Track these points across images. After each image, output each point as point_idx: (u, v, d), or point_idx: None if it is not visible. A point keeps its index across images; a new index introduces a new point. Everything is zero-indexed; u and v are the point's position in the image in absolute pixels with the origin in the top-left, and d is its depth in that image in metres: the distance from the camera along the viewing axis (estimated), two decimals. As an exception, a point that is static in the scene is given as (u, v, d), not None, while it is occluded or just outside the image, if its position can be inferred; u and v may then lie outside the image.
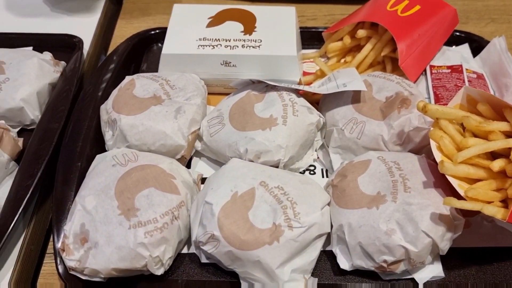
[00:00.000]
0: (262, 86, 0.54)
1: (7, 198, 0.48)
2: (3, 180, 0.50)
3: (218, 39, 0.58)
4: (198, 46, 0.57)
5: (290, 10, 0.63)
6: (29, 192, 0.48)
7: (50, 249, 0.49)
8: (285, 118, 0.49)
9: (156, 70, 0.64)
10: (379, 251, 0.42)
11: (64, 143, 0.52)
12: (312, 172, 0.53)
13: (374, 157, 0.47)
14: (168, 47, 0.58)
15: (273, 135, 0.48)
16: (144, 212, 0.43)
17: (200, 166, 0.54)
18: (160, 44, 0.67)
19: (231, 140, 0.50)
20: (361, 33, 0.60)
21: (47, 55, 0.59)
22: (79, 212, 0.43)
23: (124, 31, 0.72)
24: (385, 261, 0.42)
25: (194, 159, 0.54)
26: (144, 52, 0.66)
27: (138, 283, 0.44)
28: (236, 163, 0.47)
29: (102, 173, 0.46)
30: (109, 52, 0.68)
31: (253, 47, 0.57)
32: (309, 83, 0.61)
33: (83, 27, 0.70)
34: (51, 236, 0.49)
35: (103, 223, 0.42)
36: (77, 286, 0.43)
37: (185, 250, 0.47)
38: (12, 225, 0.46)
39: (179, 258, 0.46)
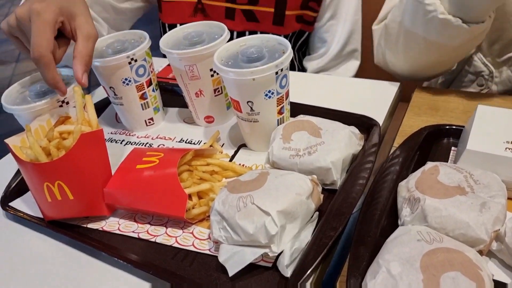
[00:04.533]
0: None
1: (310, 242, 0.55)
2: (306, 226, 0.58)
3: (528, 146, 0.58)
4: (506, 149, 0.58)
5: None
6: (331, 242, 0.54)
7: (333, 298, 0.53)
8: None
9: (444, 161, 0.67)
10: None
11: (364, 208, 0.58)
12: None
13: None
14: (474, 144, 0.60)
15: None
16: (450, 293, 0.43)
17: (489, 266, 0.53)
18: (451, 139, 0.70)
19: (542, 250, 0.47)
20: None
21: (356, 130, 0.68)
22: (383, 274, 0.47)
23: (412, 121, 0.77)
24: None
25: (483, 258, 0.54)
26: (433, 143, 0.70)
27: None
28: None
29: (406, 244, 0.49)
30: (397, 137, 0.75)
31: None
32: None
33: (374, 109, 0.78)
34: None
35: (407, 291, 0.45)
36: None
37: None
38: (313, 265, 0.52)
39: None
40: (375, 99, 0.84)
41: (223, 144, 0.78)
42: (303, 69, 1.19)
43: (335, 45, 1.11)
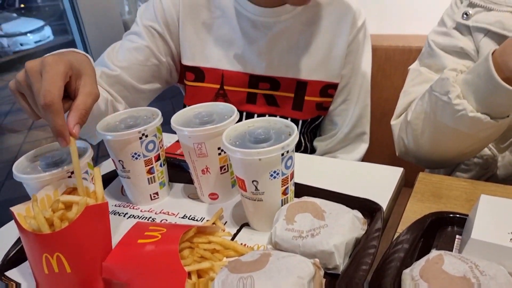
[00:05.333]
0: None
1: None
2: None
3: (533, 239, 0.57)
4: (510, 240, 0.58)
5: None
6: (332, 331, 0.52)
7: None
8: None
9: (449, 250, 0.66)
10: None
11: (367, 296, 0.56)
12: None
13: None
14: (478, 233, 0.59)
15: None
16: None
17: None
18: (455, 227, 0.70)
19: None
20: None
21: (359, 214, 0.68)
22: None
23: (415, 207, 0.78)
24: None
25: None
26: (437, 231, 0.69)
27: None
28: None
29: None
30: (400, 223, 0.74)
31: None
32: None
33: (378, 193, 0.78)
34: None
35: None
36: None
37: None
38: None
39: None
40: (378, 183, 0.85)
41: (226, 222, 0.78)
42: (312, 149, 1.22)
43: (344, 127, 1.15)
